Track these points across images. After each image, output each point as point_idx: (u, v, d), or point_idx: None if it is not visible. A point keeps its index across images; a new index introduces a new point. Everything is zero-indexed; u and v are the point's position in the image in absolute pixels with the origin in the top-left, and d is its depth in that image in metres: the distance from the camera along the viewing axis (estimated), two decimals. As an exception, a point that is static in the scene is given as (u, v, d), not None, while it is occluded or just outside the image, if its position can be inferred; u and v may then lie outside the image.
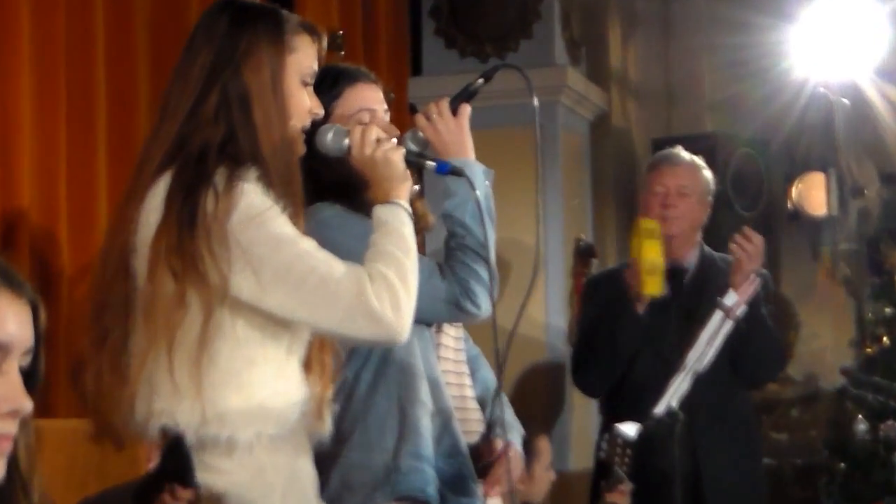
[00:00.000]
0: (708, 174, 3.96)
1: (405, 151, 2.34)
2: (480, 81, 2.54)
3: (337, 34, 4.31)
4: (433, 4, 5.30)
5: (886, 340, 4.84)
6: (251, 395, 2.11)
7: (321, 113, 2.29)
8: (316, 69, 2.26)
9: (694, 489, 3.68)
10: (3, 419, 1.41)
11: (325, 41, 2.30)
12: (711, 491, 3.76)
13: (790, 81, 5.21)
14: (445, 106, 2.52)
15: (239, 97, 2.15)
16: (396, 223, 2.20)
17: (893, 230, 5.11)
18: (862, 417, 4.69)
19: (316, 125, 2.32)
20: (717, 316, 3.52)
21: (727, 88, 5.65)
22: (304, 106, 2.23)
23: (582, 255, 5.21)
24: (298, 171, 2.21)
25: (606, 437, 3.28)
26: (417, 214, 2.44)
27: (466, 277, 2.49)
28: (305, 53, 2.24)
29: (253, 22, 2.19)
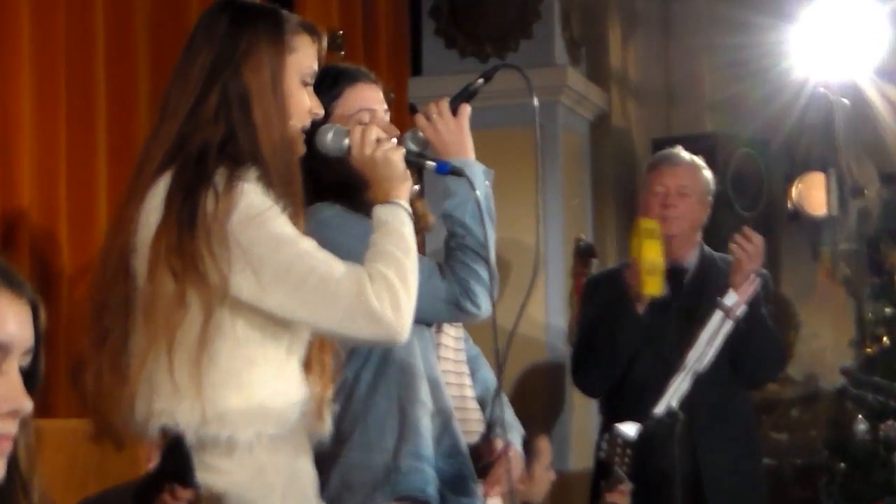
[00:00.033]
0: (708, 174, 3.96)
1: (405, 151, 2.33)
2: (480, 81, 2.54)
3: (337, 34, 4.30)
4: (433, 4, 5.29)
5: (886, 340, 4.84)
6: (251, 395, 2.10)
7: (321, 113, 2.28)
8: (316, 69, 2.26)
9: (694, 489, 3.67)
10: (2, 419, 1.40)
11: (324, 41, 2.29)
12: (711, 491, 3.75)
13: (790, 81, 5.20)
14: (445, 106, 2.51)
15: (239, 97, 2.15)
16: (396, 223, 2.19)
17: (893, 230, 5.09)
18: (862, 417, 4.68)
19: (316, 125, 2.31)
20: (717, 316, 3.52)
21: (727, 88, 5.63)
22: (303, 106, 2.23)
23: (582, 255, 5.21)
24: (298, 171, 2.20)
25: (606, 437, 3.28)
26: (417, 214, 2.44)
27: (466, 277, 2.48)
28: (305, 53, 2.23)
29: (253, 22, 2.19)
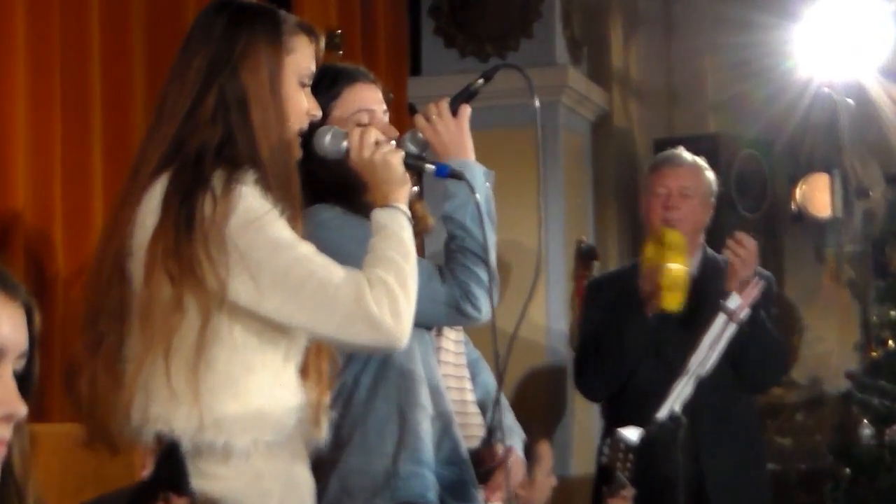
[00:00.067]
0: (710, 175, 3.94)
1: (404, 154, 2.32)
2: (481, 82, 2.54)
3: (335, 33, 4.33)
4: (433, 3, 5.30)
5: (892, 344, 4.86)
6: (248, 401, 2.10)
7: (319, 115, 2.28)
8: (314, 70, 2.25)
9: (697, 495, 3.66)
10: (-3, 424, 1.41)
11: (322, 42, 2.28)
12: (715, 497, 3.74)
13: (794, 81, 5.20)
14: (445, 106, 2.51)
15: (236, 99, 2.14)
16: (395, 227, 2.19)
17: (899, 232, 5.11)
18: (867, 422, 4.70)
19: (313, 126, 2.30)
20: (720, 319, 3.48)
21: (730, 88, 5.63)
22: (301, 107, 2.22)
23: (583, 257, 5.22)
24: (296, 173, 2.19)
25: (608, 441, 3.25)
26: (417, 216, 2.44)
27: (467, 280, 2.47)
28: (303, 54, 2.22)
29: (250, 22, 2.18)
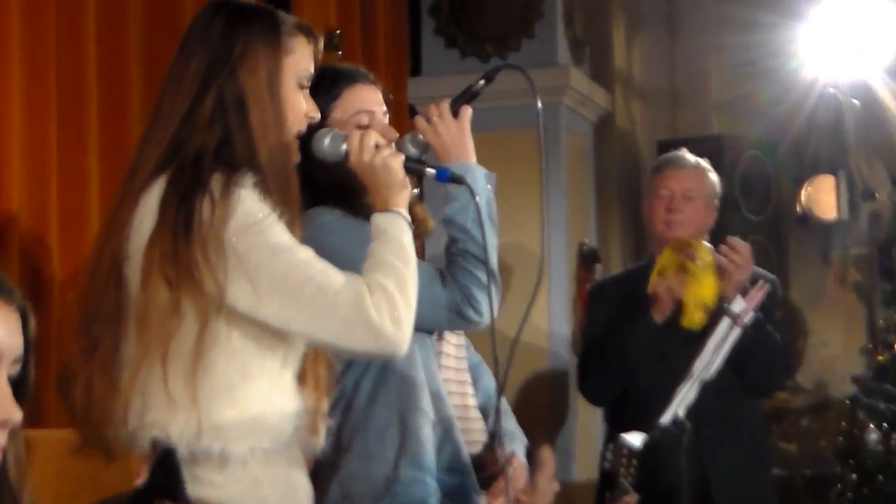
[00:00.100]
0: (714, 177, 3.92)
1: (404, 158, 2.30)
2: (482, 83, 2.53)
3: (334, 33, 4.35)
4: (433, 3, 5.30)
5: (898, 348, 4.84)
6: (246, 407, 2.08)
7: (317, 117, 2.26)
8: (312, 72, 2.24)
9: (702, 500, 3.64)
10: (-9, 430, 1.41)
11: (321, 43, 2.27)
12: (720, 502, 3.72)
13: (799, 81, 5.20)
14: (446, 108, 2.50)
15: (235, 100, 2.12)
16: (395, 232, 2.17)
17: (905, 234, 5.11)
18: (874, 427, 4.71)
19: (312, 128, 2.28)
20: (724, 323, 3.48)
21: (734, 89, 5.64)
22: (300, 109, 2.21)
23: (585, 259, 5.21)
24: (295, 176, 2.18)
25: (611, 446, 3.25)
26: (417, 219, 2.43)
27: (468, 284, 2.46)
28: (302, 55, 2.21)
29: (249, 23, 2.16)
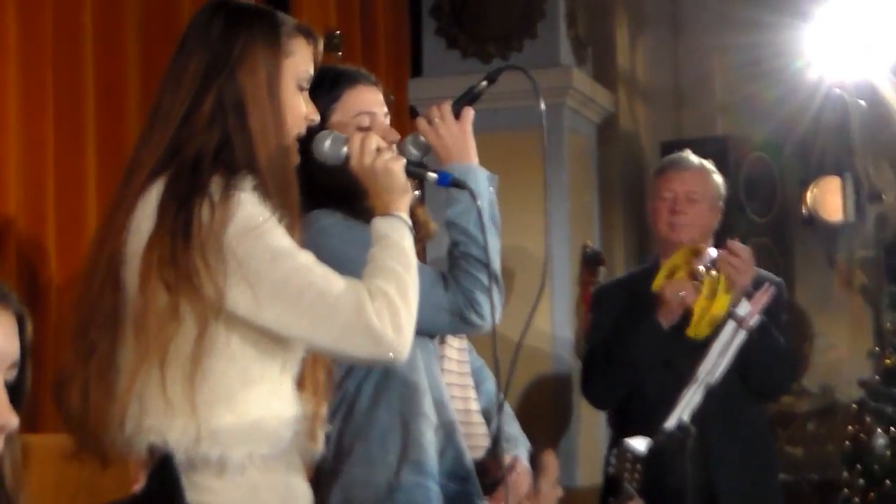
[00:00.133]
0: (718, 179, 3.91)
1: (406, 162, 2.28)
2: (484, 83, 2.52)
3: (334, 34, 4.35)
4: (434, 3, 5.29)
5: (905, 351, 4.83)
6: (245, 413, 2.06)
7: (317, 119, 2.24)
8: (312, 74, 2.22)
9: (708, 505, 3.64)
10: (-12, 435, 1.40)
11: (321, 45, 2.25)
12: (726, 507, 3.72)
13: (804, 82, 5.19)
14: (448, 109, 2.49)
15: (234, 102, 2.10)
16: (396, 237, 2.15)
17: (912, 236, 5.12)
18: (881, 431, 4.70)
19: (313, 130, 2.26)
20: (729, 326, 3.45)
21: (739, 89, 5.62)
22: (299, 112, 2.19)
23: (589, 262, 5.20)
24: (295, 179, 2.16)
25: (615, 451, 3.22)
26: (418, 222, 2.42)
27: (471, 288, 2.45)
28: (302, 57, 2.19)
29: (248, 24, 2.15)
